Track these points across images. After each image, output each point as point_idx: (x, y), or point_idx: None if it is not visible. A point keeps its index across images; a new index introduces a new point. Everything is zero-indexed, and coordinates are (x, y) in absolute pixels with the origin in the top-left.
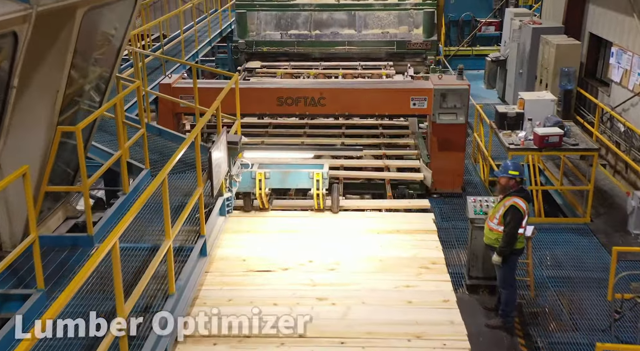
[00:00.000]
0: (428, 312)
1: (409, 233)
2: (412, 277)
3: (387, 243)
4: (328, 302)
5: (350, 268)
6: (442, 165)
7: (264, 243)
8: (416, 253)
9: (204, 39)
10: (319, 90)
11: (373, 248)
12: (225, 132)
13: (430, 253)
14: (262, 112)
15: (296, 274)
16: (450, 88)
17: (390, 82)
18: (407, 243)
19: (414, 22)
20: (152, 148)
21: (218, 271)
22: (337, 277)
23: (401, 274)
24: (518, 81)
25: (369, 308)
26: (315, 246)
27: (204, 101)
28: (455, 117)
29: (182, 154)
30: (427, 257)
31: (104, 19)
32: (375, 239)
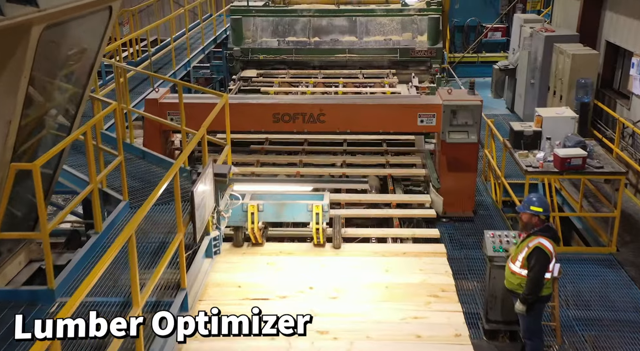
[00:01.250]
0: (439, 349)
1: (416, 255)
2: (421, 307)
3: (393, 267)
4: (330, 336)
5: (354, 297)
6: (451, 187)
7: (261, 266)
8: (425, 279)
9: (197, 46)
10: (318, 105)
11: (378, 272)
12: (211, 164)
13: (440, 280)
14: (257, 130)
15: (295, 303)
16: (461, 104)
17: (395, 97)
18: (414, 266)
19: (418, 29)
20: (133, 173)
21: (211, 299)
22: (340, 307)
23: (409, 303)
24: (529, 92)
25: (374, 344)
26: (316, 270)
27: (193, 118)
28: (467, 135)
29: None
30: (436, 283)
31: (70, 34)
32: (380, 263)
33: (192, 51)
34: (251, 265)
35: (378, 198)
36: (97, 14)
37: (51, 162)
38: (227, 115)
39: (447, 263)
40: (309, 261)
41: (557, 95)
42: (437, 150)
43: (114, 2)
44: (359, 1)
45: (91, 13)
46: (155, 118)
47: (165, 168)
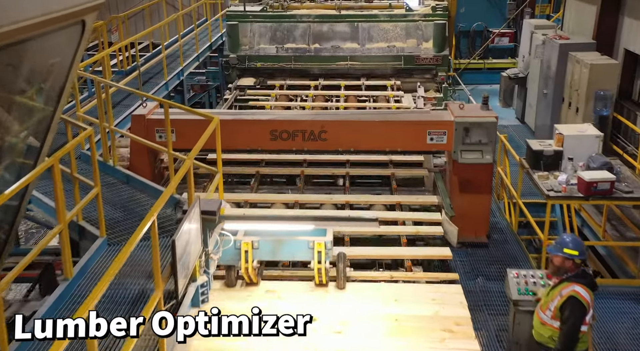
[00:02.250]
0: None
1: (428, 282)
2: (436, 344)
3: (404, 296)
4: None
5: (360, 331)
6: (464, 210)
7: (258, 295)
8: (438, 311)
9: (191, 53)
10: (319, 122)
11: (387, 302)
12: (198, 202)
13: (454, 311)
14: (252, 148)
15: (296, 338)
16: (475, 121)
17: (402, 113)
18: (426, 296)
19: (423, 35)
20: (114, 201)
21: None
22: (345, 343)
23: (421, 338)
24: (541, 102)
25: None
26: (318, 301)
27: (183, 135)
28: (481, 155)
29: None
30: (450, 315)
31: (32, 54)
32: (390, 291)
33: (186, 58)
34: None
35: (386, 231)
36: (66, 29)
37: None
38: (217, 140)
39: (461, 292)
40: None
41: (573, 107)
42: (447, 169)
43: (88, 15)
44: (361, 6)
45: (59, 29)
46: (141, 141)
47: (150, 196)
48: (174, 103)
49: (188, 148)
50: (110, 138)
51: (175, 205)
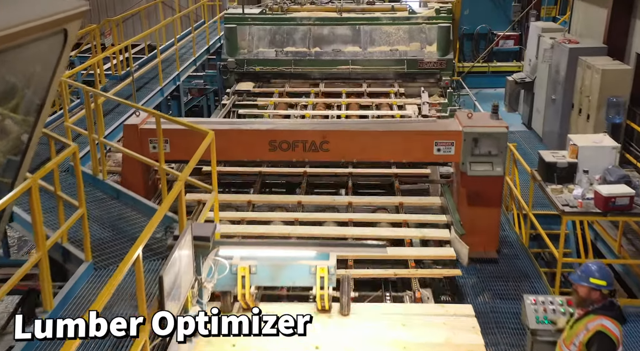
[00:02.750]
0: None
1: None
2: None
3: (412, 320)
4: None
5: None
6: (472, 224)
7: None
8: (449, 337)
9: (188, 57)
10: (321, 132)
11: (394, 326)
12: (190, 227)
13: (467, 338)
14: (250, 159)
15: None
16: (484, 132)
17: (408, 123)
18: (436, 319)
19: (426, 39)
20: (103, 219)
21: None
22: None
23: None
24: (550, 108)
25: None
26: (321, 327)
27: (178, 146)
28: (491, 167)
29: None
30: (463, 343)
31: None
32: (396, 313)
33: (182, 62)
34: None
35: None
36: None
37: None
38: (212, 156)
39: (472, 314)
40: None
41: (584, 114)
42: (455, 180)
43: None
44: (363, 9)
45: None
46: (131, 154)
47: (141, 213)
48: (165, 115)
49: (183, 160)
50: (100, 151)
51: (166, 229)
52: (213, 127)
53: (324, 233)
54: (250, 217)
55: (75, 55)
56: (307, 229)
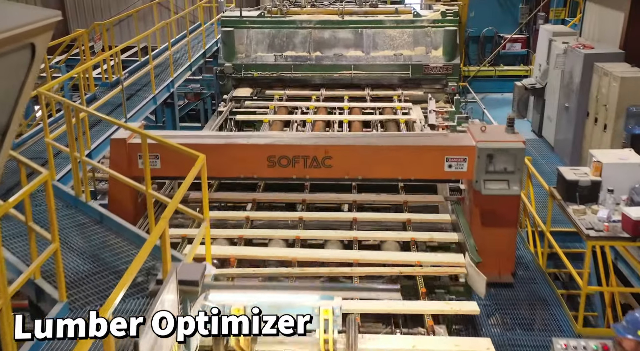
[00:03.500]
0: None
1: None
2: None
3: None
4: None
5: None
6: (487, 245)
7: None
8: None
9: (183, 62)
10: (323, 147)
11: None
12: (175, 272)
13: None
14: (247, 176)
15: None
16: (500, 148)
17: (416, 136)
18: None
19: (432, 42)
20: (83, 249)
21: None
22: None
23: None
24: (562, 116)
25: None
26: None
27: (170, 162)
28: (507, 185)
29: None
30: None
31: None
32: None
33: (177, 67)
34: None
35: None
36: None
37: None
38: (204, 181)
39: (492, 348)
40: None
41: (600, 123)
42: (467, 198)
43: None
44: (366, 11)
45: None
46: (116, 176)
47: (126, 241)
48: (152, 135)
49: (174, 176)
50: (82, 170)
51: (148, 272)
52: (206, 142)
53: (327, 257)
54: (248, 235)
55: (63, 61)
56: (309, 253)
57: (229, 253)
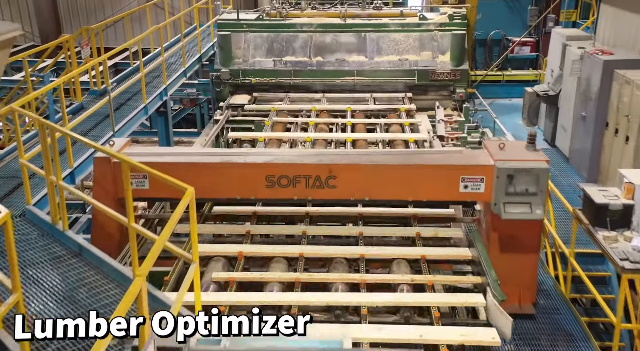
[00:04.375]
0: None
1: None
2: None
3: None
4: None
5: None
6: (505, 273)
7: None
8: None
9: (178, 67)
10: (326, 166)
11: None
12: (153, 341)
13: None
14: (244, 197)
15: None
16: (522, 167)
17: (429, 153)
18: None
19: (439, 47)
20: (57, 287)
21: None
22: None
23: None
24: (579, 126)
25: None
26: None
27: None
28: (529, 209)
29: None
30: None
31: None
32: None
33: (171, 73)
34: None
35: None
36: None
37: None
38: (192, 217)
39: None
40: None
41: (621, 135)
42: (484, 221)
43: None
44: (369, 14)
45: None
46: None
47: (106, 278)
48: (134, 162)
49: (164, 197)
50: (59, 194)
51: (122, 341)
52: (199, 160)
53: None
54: (249, 252)
55: (48, 69)
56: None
57: (228, 277)
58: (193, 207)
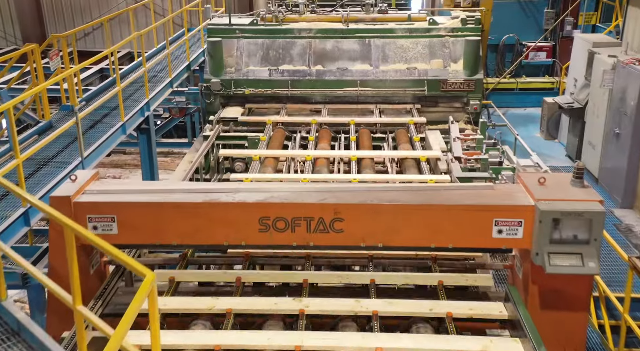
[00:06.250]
0: None
1: None
2: None
3: None
4: None
5: None
6: (547, 335)
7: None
8: None
9: (163, 77)
10: (331, 206)
11: None
12: None
13: None
14: (233, 244)
15: None
16: (571, 210)
17: (455, 190)
18: None
19: (450, 55)
20: None
21: None
22: None
23: None
24: (611, 144)
25: None
26: None
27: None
28: (581, 261)
29: None
30: None
31: None
32: None
33: (157, 84)
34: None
35: None
36: None
37: None
38: (152, 318)
39: None
40: None
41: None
42: (519, 268)
43: None
44: (374, 18)
45: None
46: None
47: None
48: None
49: (136, 244)
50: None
51: None
52: (178, 200)
53: None
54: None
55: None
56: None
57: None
58: (154, 300)
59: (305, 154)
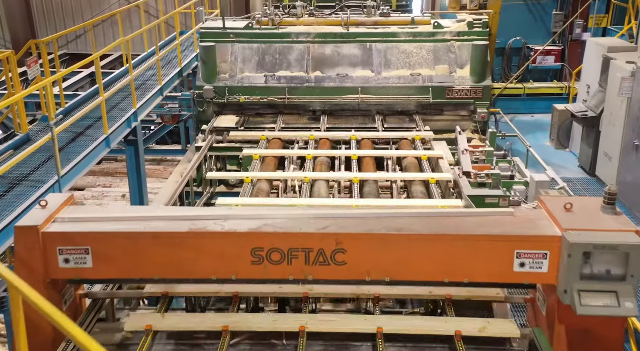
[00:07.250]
0: None
1: None
2: None
3: None
4: None
5: None
6: None
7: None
8: None
9: (153, 84)
10: (333, 236)
11: None
12: None
13: None
14: (222, 278)
15: None
16: (604, 243)
17: (471, 217)
18: None
19: (456, 60)
20: None
21: None
22: None
23: None
24: (629, 156)
25: None
26: None
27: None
28: (615, 301)
29: None
30: None
31: None
32: None
33: (145, 91)
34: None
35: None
36: None
37: None
38: None
39: None
40: None
41: None
42: (543, 304)
43: None
44: (375, 22)
45: None
46: None
47: None
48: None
49: (113, 279)
50: None
51: None
52: (160, 229)
53: None
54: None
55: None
56: None
57: None
58: None
59: (302, 176)
